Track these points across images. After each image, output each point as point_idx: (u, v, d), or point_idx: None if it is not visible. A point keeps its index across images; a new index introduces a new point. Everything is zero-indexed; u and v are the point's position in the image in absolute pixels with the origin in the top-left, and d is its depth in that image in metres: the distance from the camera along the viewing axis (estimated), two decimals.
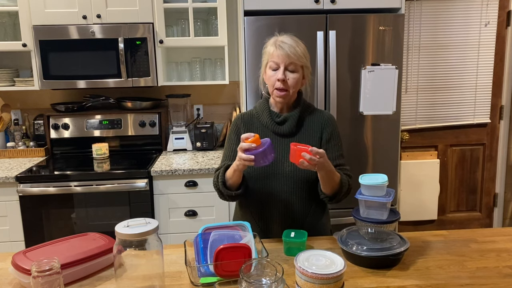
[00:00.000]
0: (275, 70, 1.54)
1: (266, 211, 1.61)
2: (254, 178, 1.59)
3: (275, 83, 1.54)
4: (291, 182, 1.57)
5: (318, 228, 1.64)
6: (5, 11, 2.70)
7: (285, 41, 1.53)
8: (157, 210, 2.52)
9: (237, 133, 1.66)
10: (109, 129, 2.89)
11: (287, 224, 1.59)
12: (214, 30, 2.80)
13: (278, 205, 1.60)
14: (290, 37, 1.55)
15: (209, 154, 2.83)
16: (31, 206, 2.42)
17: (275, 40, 1.56)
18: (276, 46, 1.53)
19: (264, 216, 1.62)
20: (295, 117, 1.60)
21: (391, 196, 1.36)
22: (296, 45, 1.53)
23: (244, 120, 1.67)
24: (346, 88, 2.51)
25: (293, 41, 1.54)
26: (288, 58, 1.51)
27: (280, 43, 1.53)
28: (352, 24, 2.45)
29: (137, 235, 1.12)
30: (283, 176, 1.57)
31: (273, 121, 1.61)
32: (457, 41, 3.15)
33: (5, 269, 1.36)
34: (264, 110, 1.63)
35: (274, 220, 1.61)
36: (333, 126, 1.65)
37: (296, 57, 1.52)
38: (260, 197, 1.61)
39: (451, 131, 3.31)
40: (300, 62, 1.54)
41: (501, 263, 1.34)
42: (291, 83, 1.53)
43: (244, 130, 1.65)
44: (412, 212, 3.31)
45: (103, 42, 2.63)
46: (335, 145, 1.63)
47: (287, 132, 1.60)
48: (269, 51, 1.56)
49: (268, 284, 1.03)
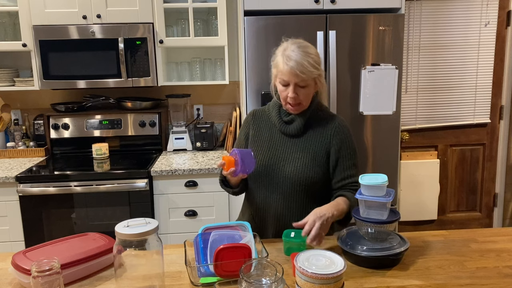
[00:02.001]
0: (285, 86, 1.50)
1: (263, 210, 1.61)
2: (254, 174, 1.59)
3: (286, 98, 1.51)
4: (289, 184, 1.56)
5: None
6: (5, 11, 2.70)
7: (292, 56, 1.44)
8: (157, 210, 2.52)
9: (246, 131, 1.69)
10: (109, 129, 2.89)
11: (284, 226, 1.57)
12: (214, 30, 2.80)
13: (276, 205, 1.59)
14: (297, 48, 1.45)
15: (209, 154, 2.83)
16: (31, 206, 2.42)
17: (284, 50, 1.48)
18: (284, 61, 1.45)
19: (261, 217, 1.62)
20: (304, 118, 1.58)
21: (391, 196, 1.36)
22: (305, 58, 1.44)
23: (255, 116, 1.69)
24: (346, 88, 2.51)
25: (300, 54, 1.44)
26: (297, 77, 1.45)
27: (287, 58, 1.44)
28: (352, 24, 2.45)
29: (137, 235, 1.12)
30: (282, 176, 1.56)
31: (281, 120, 1.60)
32: (457, 41, 3.15)
33: (5, 269, 1.36)
34: (275, 109, 1.63)
35: (270, 221, 1.61)
36: (344, 134, 1.59)
37: (306, 74, 1.44)
38: (258, 195, 1.61)
39: (451, 131, 3.31)
40: (311, 77, 1.47)
41: (501, 263, 1.34)
42: (302, 97, 1.51)
43: (254, 127, 1.67)
44: (412, 212, 3.31)
45: (103, 42, 2.62)
46: (347, 154, 1.57)
47: (294, 132, 1.58)
48: (278, 65, 1.48)
49: (268, 284, 1.03)
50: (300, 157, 1.56)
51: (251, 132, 1.67)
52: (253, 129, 1.67)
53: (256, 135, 1.65)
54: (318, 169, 1.55)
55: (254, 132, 1.66)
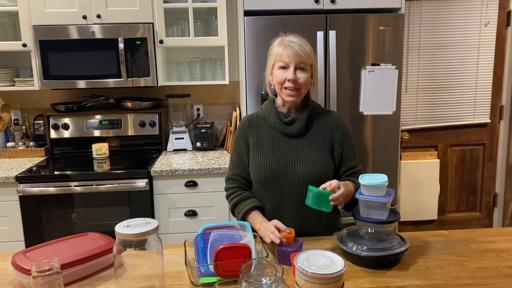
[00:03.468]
0: (284, 69, 1.52)
1: (277, 215, 1.59)
2: (264, 181, 1.57)
3: (284, 82, 1.52)
4: (302, 183, 1.55)
5: (332, 232, 1.63)
6: (5, 11, 2.70)
7: (293, 40, 1.52)
8: (157, 210, 2.52)
9: (245, 139, 1.64)
10: (109, 129, 2.89)
11: (299, 228, 1.57)
12: (214, 30, 2.80)
13: (290, 208, 1.58)
14: (296, 37, 1.54)
15: (209, 154, 2.83)
16: (31, 206, 2.42)
17: (282, 40, 1.54)
18: (285, 46, 1.51)
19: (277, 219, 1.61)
20: (304, 117, 1.58)
21: (391, 196, 1.36)
22: (304, 44, 1.52)
23: (251, 123, 1.65)
24: (346, 88, 2.51)
25: (300, 40, 1.53)
26: (298, 57, 1.49)
27: (288, 42, 1.51)
28: (352, 24, 2.44)
29: (137, 235, 1.12)
30: (294, 177, 1.56)
31: (282, 121, 1.59)
32: (457, 41, 3.15)
33: (5, 269, 1.36)
34: (271, 111, 1.61)
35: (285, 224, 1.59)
36: (343, 127, 1.64)
37: (306, 55, 1.51)
38: (271, 201, 1.59)
39: (451, 131, 3.31)
40: (310, 61, 1.53)
41: (501, 263, 1.34)
42: (302, 82, 1.52)
43: (252, 134, 1.63)
44: (412, 212, 3.31)
45: (103, 42, 2.62)
46: (349, 145, 1.64)
47: (296, 133, 1.58)
48: (277, 52, 1.53)
49: (268, 284, 1.02)
50: (307, 156, 1.56)
51: (251, 140, 1.63)
52: (252, 136, 1.63)
53: (257, 141, 1.62)
54: (327, 163, 1.58)
55: (254, 138, 1.63)
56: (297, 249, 1.35)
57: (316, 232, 1.60)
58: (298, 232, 1.54)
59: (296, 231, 1.52)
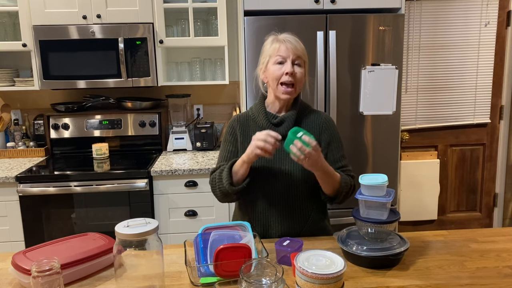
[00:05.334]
0: (280, 64, 1.52)
1: (264, 215, 1.59)
2: (251, 181, 1.56)
3: (281, 77, 1.51)
4: (289, 184, 1.55)
5: (319, 233, 1.62)
6: (5, 11, 2.70)
7: (288, 37, 1.54)
8: (157, 210, 2.52)
9: (233, 134, 1.64)
10: (109, 129, 2.89)
11: (286, 229, 1.57)
12: (214, 30, 2.80)
13: (277, 209, 1.57)
14: (290, 34, 1.56)
15: (209, 154, 2.83)
16: (31, 206, 2.42)
17: (276, 37, 1.55)
18: (282, 41, 1.52)
19: (263, 221, 1.60)
20: (292, 118, 1.57)
21: (391, 196, 1.36)
22: (299, 41, 1.55)
23: (240, 121, 1.65)
24: (346, 88, 2.51)
25: (294, 38, 1.55)
26: (296, 51, 1.51)
27: (284, 38, 1.53)
28: (352, 24, 2.44)
29: (137, 235, 1.12)
30: (281, 178, 1.56)
31: (270, 122, 1.58)
32: (457, 41, 3.15)
33: (5, 269, 1.36)
34: (260, 112, 1.61)
35: (273, 225, 1.59)
36: (332, 127, 1.63)
37: (302, 51, 1.53)
38: (258, 201, 1.59)
39: (451, 131, 3.31)
40: (305, 58, 1.55)
41: (501, 263, 1.34)
42: (298, 77, 1.52)
43: (240, 131, 1.63)
44: (412, 212, 3.31)
45: (103, 42, 2.62)
46: (336, 147, 1.61)
47: (284, 133, 1.56)
48: (274, 47, 1.53)
49: (268, 284, 1.02)
50: None
51: (239, 139, 1.63)
52: (241, 135, 1.62)
53: (245, 140, 1.60)
54: None
55: (242, 138, 1.62)
56: (297, 249, 1.35)
57: (302, 234, 1.58)
58: (284, 233, 1.56)
59: (282, 233, 1.54)
